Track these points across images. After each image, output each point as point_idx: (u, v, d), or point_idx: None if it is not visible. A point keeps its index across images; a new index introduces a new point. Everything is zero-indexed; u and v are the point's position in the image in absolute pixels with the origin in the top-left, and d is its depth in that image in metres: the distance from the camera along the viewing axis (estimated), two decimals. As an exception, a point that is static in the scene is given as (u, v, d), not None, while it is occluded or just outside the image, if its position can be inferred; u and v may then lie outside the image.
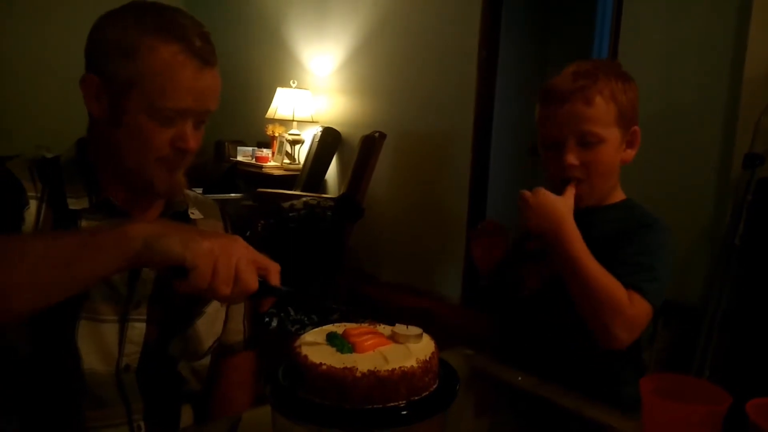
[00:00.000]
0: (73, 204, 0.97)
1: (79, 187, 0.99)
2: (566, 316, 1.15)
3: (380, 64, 4.27)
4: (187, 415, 1.08)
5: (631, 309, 1.07)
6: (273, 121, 4.64)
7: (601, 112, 1.17)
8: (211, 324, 1.10)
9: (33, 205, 0.95)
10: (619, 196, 1.28)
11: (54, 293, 0.78)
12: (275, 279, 0.81)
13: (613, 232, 1.19)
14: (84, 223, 0.97)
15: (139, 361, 0.99)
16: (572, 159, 1.18)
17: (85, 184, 0.99)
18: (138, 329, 0.99)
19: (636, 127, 1.23)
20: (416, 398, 0.71)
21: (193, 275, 0.75)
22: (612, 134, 1.19)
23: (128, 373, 0.98)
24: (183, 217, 1.09)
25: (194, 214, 1.11)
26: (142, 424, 1.01)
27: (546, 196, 1.15)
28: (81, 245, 0.78)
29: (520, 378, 1.04)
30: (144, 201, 1.04)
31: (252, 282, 0.78)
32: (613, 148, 1.20)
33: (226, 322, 1.15)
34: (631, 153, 1.24)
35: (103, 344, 0.96)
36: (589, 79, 1.17)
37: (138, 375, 0.99)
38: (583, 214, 1.22)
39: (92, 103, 0.96)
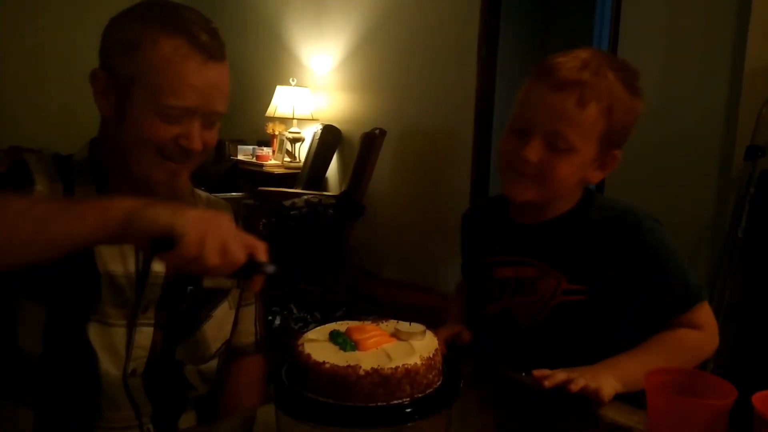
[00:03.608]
0: None
1: (91, 189, 0.98)
2: (574, 344, 1.11)
3: (380, 61, 4.26)
4: (189, 419, 1.07)
5: (705, 331, 1.06)
6: (273, 119, 4.63)
7: (588, 120, 1.01)
8: (219, 328, 1.09)
9: None
10: (577, 195, 1.14)
11: (28, 251, 0.77)
12: (263, 255, 0.79)
13: (603, 239, 1.08)
14: None
15: (145, 366, 0.99)
16: (531, 154, 1.03)
17: (96, 188, 0.98)
18: (145, 333, 0.99)
19: (616, 152, 1.08)
20: (420, 395, 0.71)
21: (181, 244, 0.72)
22: (587, 148, 1.04)
23: (134, 377, 0.98)
24: None
25: None
26: (150, 427, 1.01)
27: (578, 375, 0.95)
28: (63, 209, 0.77)
29: (524, 374, 1.04)
30: None
31: (239, 254, 0.76)
32: (581, 163, 1.05)
33: (235, 324, 1.13)
34: (598, 175, 1.10)
35: (113, 348, 0.96)
36: (595, 77, 1.01)
37: (144, 379, 0.99)
38: (546, 228, 1.13)
39: (100, 98, 0.95)
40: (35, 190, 0.93)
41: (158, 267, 0.99)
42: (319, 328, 0.80)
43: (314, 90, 4.65)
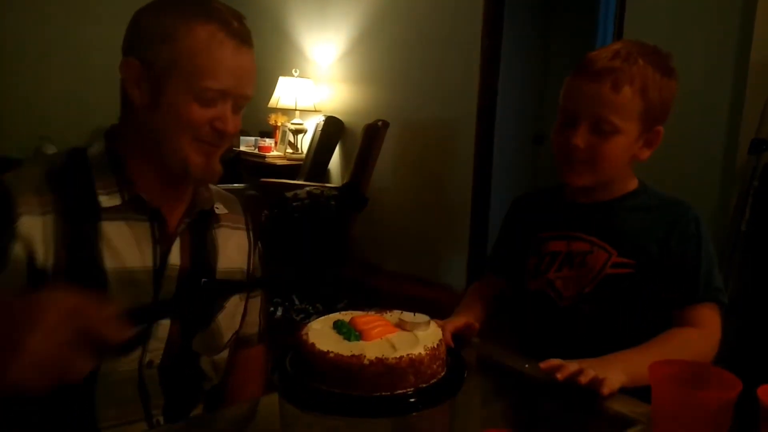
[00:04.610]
0: (105, 201, 0.96)
1: (111, 182, 0.97)
2: (616, 322, 1.15)
3: (383, 53, 4.24)
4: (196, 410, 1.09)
5: (708, 334, 1.10)
6: (275, 110, 4.63)
7: (624, 101, 1.10)
8: (231, 318, 1.11)
9: (31, 220, 0.90)
10: (633, 184, 1.23)
11: None
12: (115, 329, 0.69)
13: (656, 218, 1.17)
14: (105, 224, 0.95)
15: (162, 357, 1.00)
16: (579, 140, 1.12)
17: (116, 179, 0.98)
18: (163, 325, 1.00)
19: (660, 128, 1.17)
20: (424, 385, 0.71)
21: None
22: (629, 128, 1.12)
23: (151, 368, 0.99)
24: (209, 214, 1.09)
25: (219, 209, 1.12)
26: (161, 419, 1.01)
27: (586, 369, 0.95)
28: None
29: (527, 366, 1.04)
30: (173, 194, 1.03)
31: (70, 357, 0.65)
32: (627, 142, 1.13)
33: (244, 315, 1.16)
34: (646, 152, 1.18)
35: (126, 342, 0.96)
36: (626, 63, 1.10)
37: (160, 371, 1.00)
38: (601, 207, 1.20)
39: (133, 88, 0.96)
40: (19, 223, 0.90)
41: (174, 260, 1.01)
42: (323, 317, 0.81)
43: (317, 81, 4.64)
